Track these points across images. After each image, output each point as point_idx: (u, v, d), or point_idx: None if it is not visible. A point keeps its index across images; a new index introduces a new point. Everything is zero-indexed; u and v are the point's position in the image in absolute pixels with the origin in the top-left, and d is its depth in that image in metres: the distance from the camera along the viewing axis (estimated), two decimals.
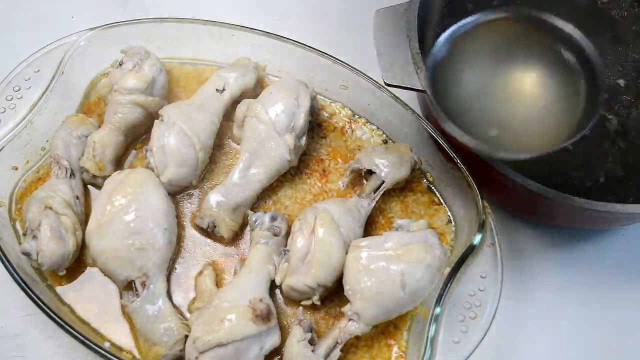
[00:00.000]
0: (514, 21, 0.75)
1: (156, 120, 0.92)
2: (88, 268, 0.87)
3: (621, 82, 1.01)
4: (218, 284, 0.87)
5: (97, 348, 0.77)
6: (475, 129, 0.71)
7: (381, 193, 0.93)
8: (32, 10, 1.19)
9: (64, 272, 0.85)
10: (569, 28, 0.74)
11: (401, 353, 0.86)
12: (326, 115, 1.03)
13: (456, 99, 0.71)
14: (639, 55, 1.04)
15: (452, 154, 0.91)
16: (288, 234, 0.89)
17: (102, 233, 0.81)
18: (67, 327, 0.77)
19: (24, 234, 0.84)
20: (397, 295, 0.80)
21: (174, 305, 0.84)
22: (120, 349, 0.82)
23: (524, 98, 0.74)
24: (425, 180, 0.98)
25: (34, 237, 0.82)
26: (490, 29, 0.75)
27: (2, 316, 0.89)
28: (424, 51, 0.92)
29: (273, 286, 0.85)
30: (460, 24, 0.74)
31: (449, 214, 0.95)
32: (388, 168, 0.93)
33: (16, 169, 0.92)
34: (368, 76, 0.98)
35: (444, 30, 0.80)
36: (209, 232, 0.90)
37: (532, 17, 0.74)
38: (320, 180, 0.98)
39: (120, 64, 0.95)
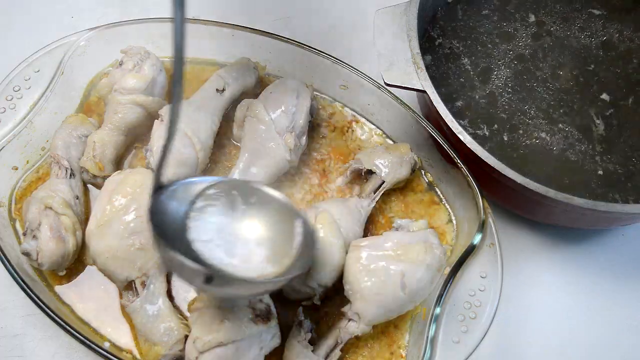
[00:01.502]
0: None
1: (156, 120, 0.92)
2: (88, 268, 0.87)
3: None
4: None
5: (97, 348, 0.77)
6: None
7: (381, 193, 0.93)
8: (32, 10, 1.19)
9: (64, 272, 0.85)
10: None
11: (401, 353, 0.86)
12: (326, 115, 1.03)
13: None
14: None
15: (452, 154, 0.91)
16: None
17: (102, 233, 0.81)
18: (67, 327, 0.77)
19: (24, 234, 0.84)
20: (397, 295, 0.80)
21: (174, 305, 0.84)
22: (120, 349, 0.82)
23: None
24: (425, 180, 0.98)
25: (34, 237, 0.82)
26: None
27: (2, 316, 0.89)
28: (423, 51, 0.93)
29: None
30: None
31: (449, 213, 0.95)
32: (388, 168, 0.93)
33: (16, 169, 0.92)
34: (368, 76, 0.98)
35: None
36: None
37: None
38: (320, 180, 0.98)
39: (120, 64, 0.95)
